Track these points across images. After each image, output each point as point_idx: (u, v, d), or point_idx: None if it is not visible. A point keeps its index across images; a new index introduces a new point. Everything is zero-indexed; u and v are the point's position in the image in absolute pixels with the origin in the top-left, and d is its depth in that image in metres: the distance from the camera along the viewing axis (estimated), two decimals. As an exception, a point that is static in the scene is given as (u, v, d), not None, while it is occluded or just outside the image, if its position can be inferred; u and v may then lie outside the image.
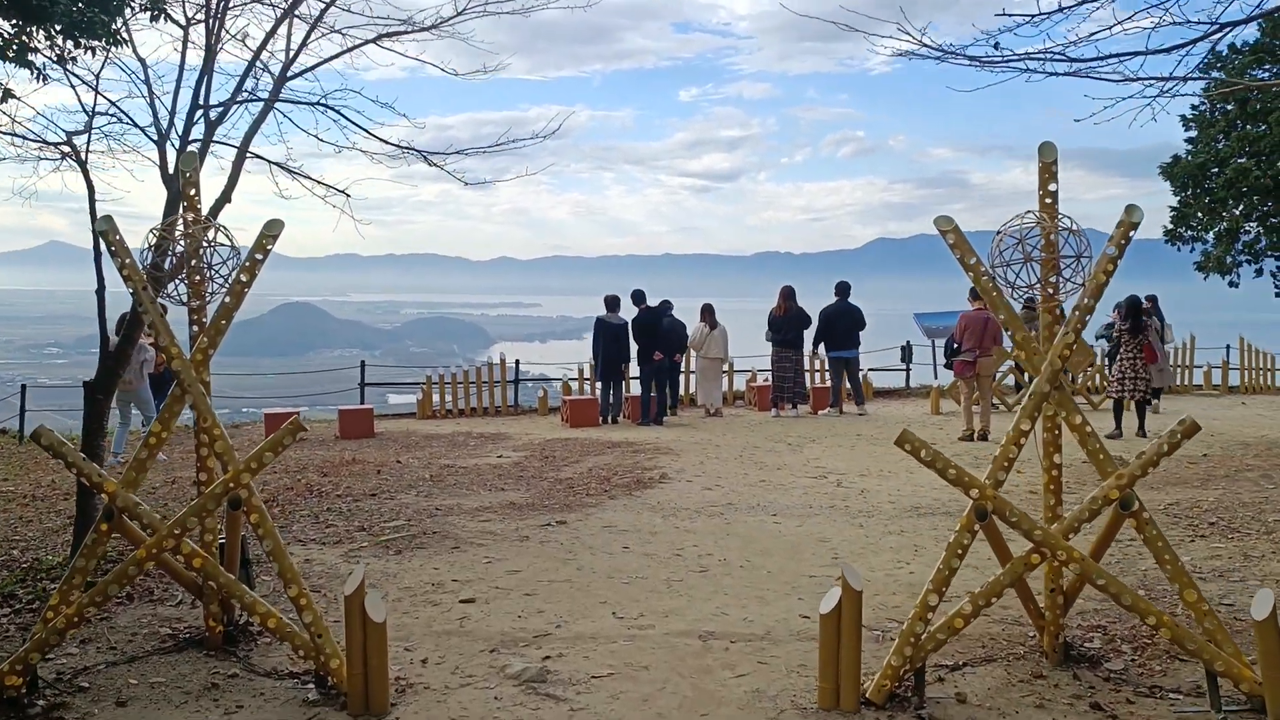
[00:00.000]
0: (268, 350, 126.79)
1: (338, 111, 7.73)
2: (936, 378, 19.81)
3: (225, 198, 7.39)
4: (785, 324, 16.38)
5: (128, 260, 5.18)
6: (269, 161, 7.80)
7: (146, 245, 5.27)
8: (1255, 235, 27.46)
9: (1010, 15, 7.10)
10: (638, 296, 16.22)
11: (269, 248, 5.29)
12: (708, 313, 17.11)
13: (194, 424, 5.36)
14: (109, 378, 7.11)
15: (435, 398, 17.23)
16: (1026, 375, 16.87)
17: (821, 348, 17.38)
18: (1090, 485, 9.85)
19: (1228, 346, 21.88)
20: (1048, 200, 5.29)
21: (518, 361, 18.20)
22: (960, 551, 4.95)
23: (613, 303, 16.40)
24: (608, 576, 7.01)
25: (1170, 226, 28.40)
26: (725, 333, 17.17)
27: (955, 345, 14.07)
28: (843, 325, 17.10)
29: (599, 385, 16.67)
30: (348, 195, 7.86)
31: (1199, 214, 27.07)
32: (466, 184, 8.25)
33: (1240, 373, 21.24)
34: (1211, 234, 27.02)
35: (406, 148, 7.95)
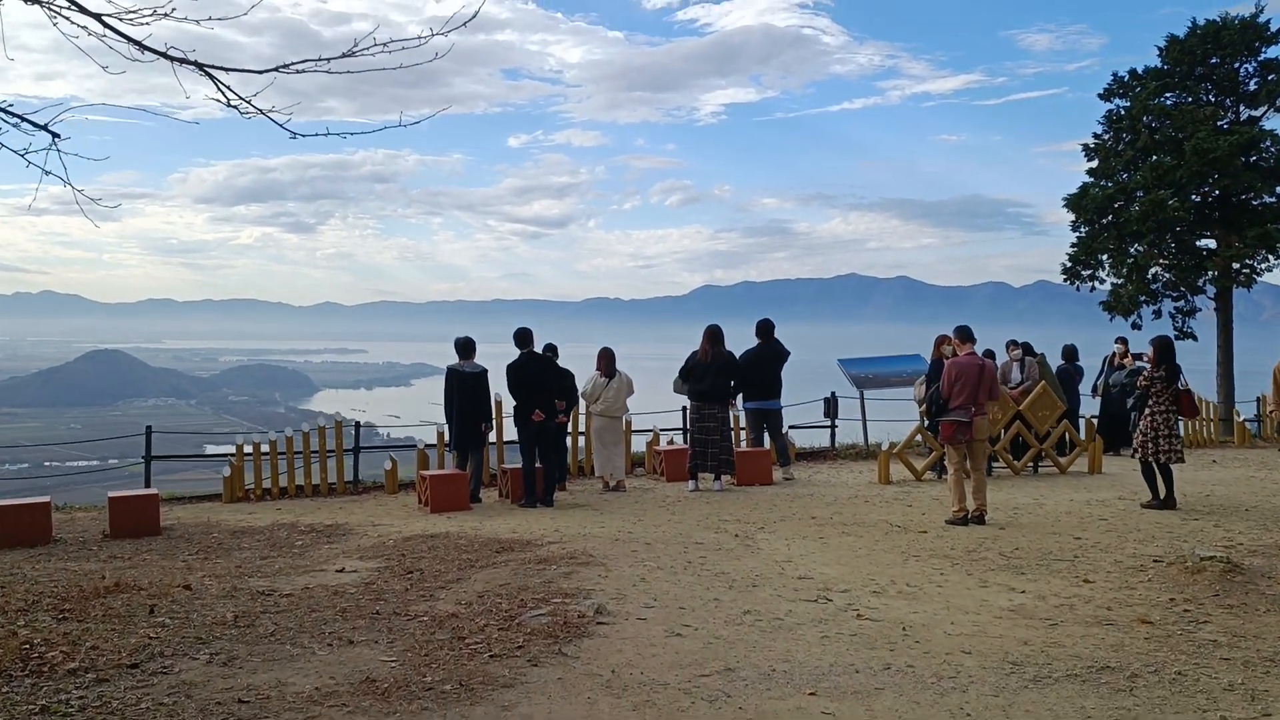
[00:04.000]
0: (73, 400, 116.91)
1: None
2: (867, 436, 16.76)
3: None
4: (710, 372, 13.01)
5: None
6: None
7: None
8: (1154, 275, 25.78)
9: None
10: (522, 337, 12.58)
11: None
12: (605, 359, 13.61)
13: None
14: None
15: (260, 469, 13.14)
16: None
17: (740, 399, 14.21)
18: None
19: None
20: None
21: (358, 425, 14.19)
22: None
23: (465, 347, 12.71)
24: None
25: (1069, 264, 26.50)
26: (627, 384, 13.71)
27: (943, 400, 10.95)
28: (763, 372, 14.01)
29: (452, 454, 12.96)
30: (56, 137, 4.07)
31: (1109, 248, 25.17)
32: (294, 135, 4.59)
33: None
34: (1123, 269, 25.16)
35: (180, 59, 4.20)
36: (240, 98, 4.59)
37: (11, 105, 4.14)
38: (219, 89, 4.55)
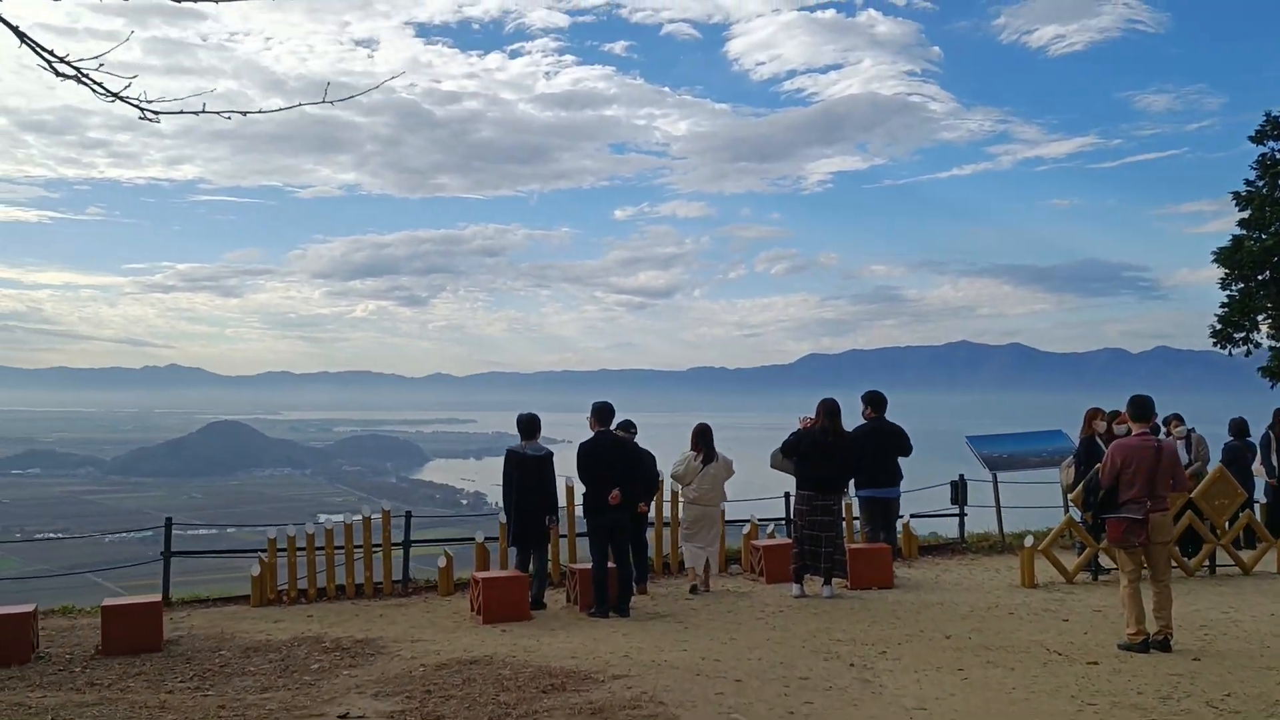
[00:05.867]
0: (195, 470, 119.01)
1: None
2: (1002, 526, 14.41)
3: None
4: (829, 456, 10.95)
5: None
6: None
7: None
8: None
9: None
10: (600, 412, 10.68)
11: None
12: (701, 438, 11.66)
13: None
14: None
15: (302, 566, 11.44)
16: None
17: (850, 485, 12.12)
18: None
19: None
20: None
21: (409, 515, 12.39)
22: None
23: (528, 425, 10.90)
24: None
25: (1218, 326, 23.73)
26: (726, 467, 11.74)
27: (1103, 490, 8.73)
28: (875, 451, 11.96)
29: (512, 550, 11.15)
30: None
31: (1267, 307, 22.39)
32: (146, 114, 2.87)
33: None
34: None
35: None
36: (59, 59, 2.92)
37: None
38: (24, 43, 2.89)
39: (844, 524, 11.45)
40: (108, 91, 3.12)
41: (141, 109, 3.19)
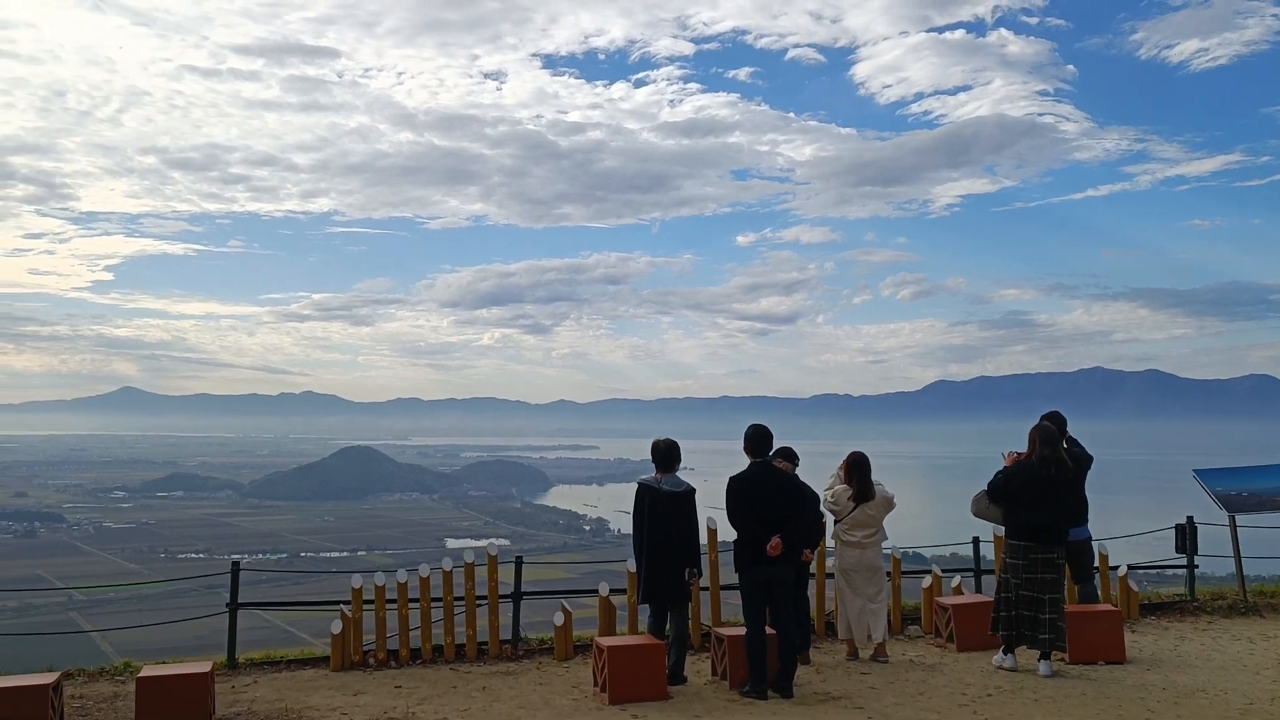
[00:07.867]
0: (328, 494, 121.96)
1: None
2: (1244, 582, 11.76)
3: None
4: (1050, 494, 8.62)
5: None
6: None
7: None
8: None
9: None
10: (757, 438, 8.50)
11: None
12: (856, 471, 9.47)
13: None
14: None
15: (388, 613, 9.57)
16: None
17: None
18: None
19: None
20: None
21: (519, 560, 10.33)
22: None
23: (667, 455, 8.67)
24: None
25: None
26: (888, 504, 9.54)
27: None
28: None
29: (643, 608, 9.03)
30: None
31: None
32: None
33: None
34: None
35: None
36: None
37: None
38: None
39: (1064, 583, 9.01)
40: None
41: None
